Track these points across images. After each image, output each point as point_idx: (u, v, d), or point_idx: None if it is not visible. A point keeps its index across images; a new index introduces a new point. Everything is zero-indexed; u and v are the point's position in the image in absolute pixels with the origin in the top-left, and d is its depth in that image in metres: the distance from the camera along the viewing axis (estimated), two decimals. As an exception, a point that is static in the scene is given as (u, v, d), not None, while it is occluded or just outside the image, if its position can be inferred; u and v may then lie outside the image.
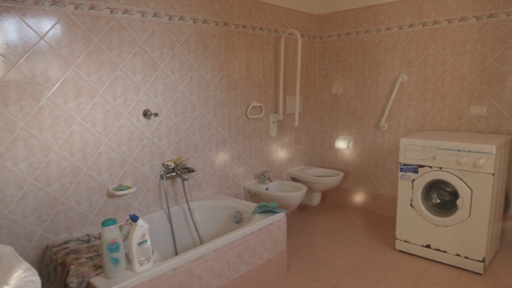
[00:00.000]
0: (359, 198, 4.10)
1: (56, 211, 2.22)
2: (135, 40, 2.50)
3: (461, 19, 3.15)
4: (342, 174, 3.74)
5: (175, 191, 2.88)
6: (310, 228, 3.62)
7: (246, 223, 2.66)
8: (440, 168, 2.71)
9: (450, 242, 2.74)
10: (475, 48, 3.12)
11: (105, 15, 2.33)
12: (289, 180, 3.85)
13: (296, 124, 3.60)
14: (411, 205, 2.89)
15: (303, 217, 3.90)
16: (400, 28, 3.52)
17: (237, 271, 2.32)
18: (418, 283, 2.58)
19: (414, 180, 2.85)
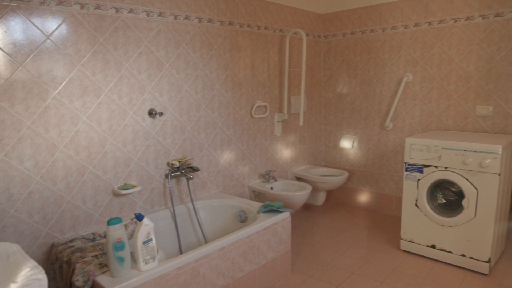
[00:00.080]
0: (363, 197, 4.09)
1: (61, 210, 2.23)
2: (140, 39, 2.50)
3: (467, 18, 3.14)
4: (346, 174, 3.74)
5: (180, 190, 2.89)
6: (315, 227, 3.61)
7: (251, 222, 2.66)
8: (446, 168, 2.70)
9: (455, 243, 2.73)
10: (481, 47, 3.10)
11: (110, 15, 2.33)
12: (294, 180, 3.85)
13: (301, 123, 3.60)
14: (416, 205, 2.88)
15: (308, 217, 3.90)
16: (405, 27, 3.51)
17: (241, 270, 2.32)
18: (423, 283, 2.57)
19: (419, 180, 2.84)
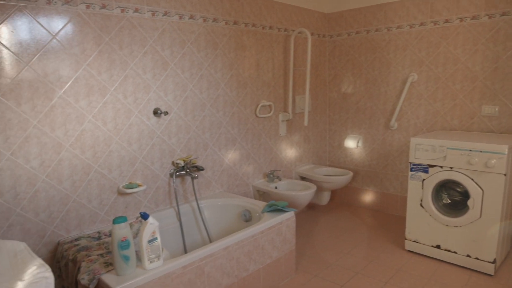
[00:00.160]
0: (368, 197, 4.08)
1: (67, 208, 2.25)
2: (145, 39, 2.51)
3: (473, 17, 3.12)
4: (351, 174, 3.73)
5: (184, 189, 2.90)
6: (319, 227, 3.61)
7: (255, 221, 2.67)
8: (451, 168, 2.69)
9: (460, 243, 2.71)
10: (487, 47, 3.08)
11: (116, 14, 2.34)
12: (298, 179, 3.85)
13: (306, 123, 3.59)
14: (421, 205, 2.87)
15: (312, 216, 3.90)
16: (410, 27, 3.49)
17: (246, 270, 2.33)
18: (427, 283, 2.56)
19: (424, 180, 2.83)
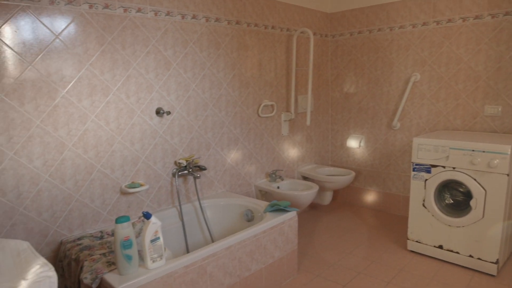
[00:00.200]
0: (370, 197, 4.08)
1: (70, 208, 2.25)
2: (148, 38, 2.52)
3: (476, 17, 3.11)
4: (353, 173, 3.73)
5: (187, 189, 2.90)
6: (321, 227, 3.61)
7: (258, 221, 2.67)
8: (454, 168, 2.68)
9: (463, 243, 2.71)
10: (490, 47, 3.07)
11: (119, 14, 2.35)
12: (301, 179, 3.85)
13: (308, 122, 3.59)
14: (424, 205, 2.86)
15: (314, 216, 3.90)
16: (413, 27, 3.48)
17: (248, 269, 2.33)
18: (430, 284, 2.55)
19: (426, 180, 2.83)
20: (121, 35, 2.38)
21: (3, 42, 1.92)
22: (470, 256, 2.69)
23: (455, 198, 2.90)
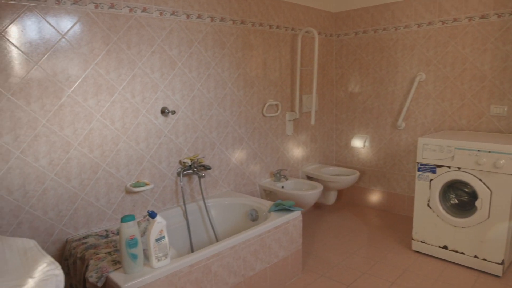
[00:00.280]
0: (375, 197, 4.07)
1: (75, 207, 2.26)
2: (153, 38, 2.52)
3: (482, 17, 3.09)
4: (358, 173, 3.72)
5: (191, 188, 2.91)
6: (326, 227, 3.60)
7: (262, 221, 2.67)
8: (459, 168, 2.67)
9: (468, 244, 2.70)
10: (496, 46, 3.06)
11: (124, 14, 2.36)
12: (305, 179, 3.85)
13: (313, 122, 3.59)
14: (429, 205, 2.86)
15: (319, 216, 3.89)
16: (418, 26, 3.47)
17: (252, 269, 2.33)
18: (434, 284, 2.55)
19: (431, 180, 2.82)
20: (127, 35, 2.38)
21: (10, 41, 1.93)
22: (475, 256, 2.67)
23: (460, 199, 2.89)
